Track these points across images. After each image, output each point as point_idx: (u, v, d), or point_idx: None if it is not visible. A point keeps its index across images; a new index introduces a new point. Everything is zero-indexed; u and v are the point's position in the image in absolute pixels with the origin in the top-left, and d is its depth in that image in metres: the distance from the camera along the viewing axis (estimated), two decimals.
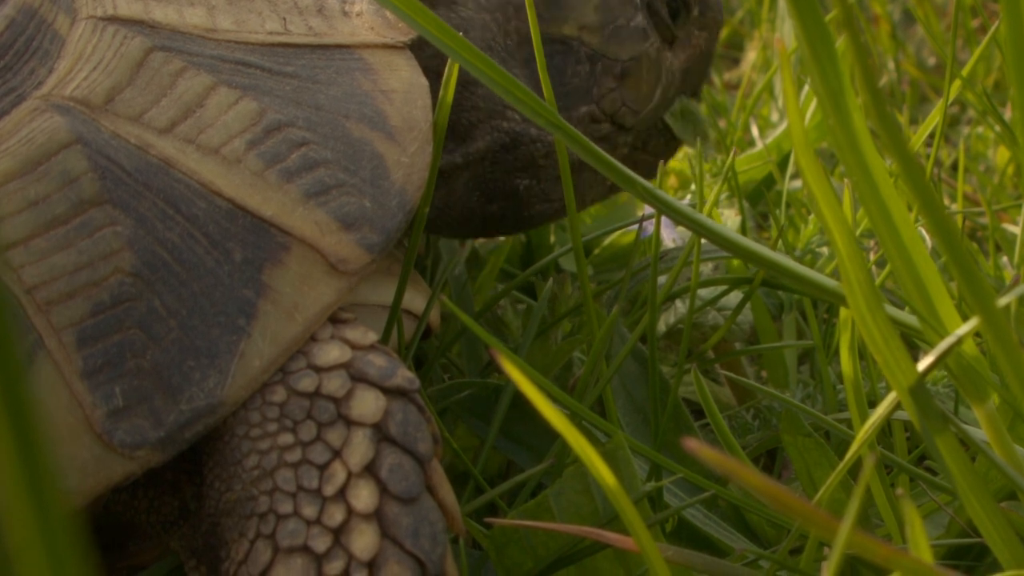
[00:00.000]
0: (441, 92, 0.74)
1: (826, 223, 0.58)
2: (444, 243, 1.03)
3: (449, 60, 0.74)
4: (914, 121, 1.40)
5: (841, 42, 1.06)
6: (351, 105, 0.70)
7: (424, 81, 0.75)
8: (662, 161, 0.95)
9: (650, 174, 0.97)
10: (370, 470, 0.64)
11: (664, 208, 0.66)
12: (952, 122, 1.43)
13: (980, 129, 1.30)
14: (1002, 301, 0.60)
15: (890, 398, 0.61)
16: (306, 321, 0.65)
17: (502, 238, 1.09)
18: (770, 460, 1.01)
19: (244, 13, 0.73)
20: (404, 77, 0.73)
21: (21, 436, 0.30)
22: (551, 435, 0.88)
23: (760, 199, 1.21)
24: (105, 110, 0.66)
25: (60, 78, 0.67)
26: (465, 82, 0.84)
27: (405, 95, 0.72)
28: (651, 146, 0.95)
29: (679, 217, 0.67)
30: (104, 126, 0.66)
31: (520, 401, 0.86)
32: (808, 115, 1.10)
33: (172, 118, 0.67)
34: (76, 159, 0.64)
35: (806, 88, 1.15)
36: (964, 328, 0.58)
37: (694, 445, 0.49)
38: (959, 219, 1.08)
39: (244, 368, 0.63)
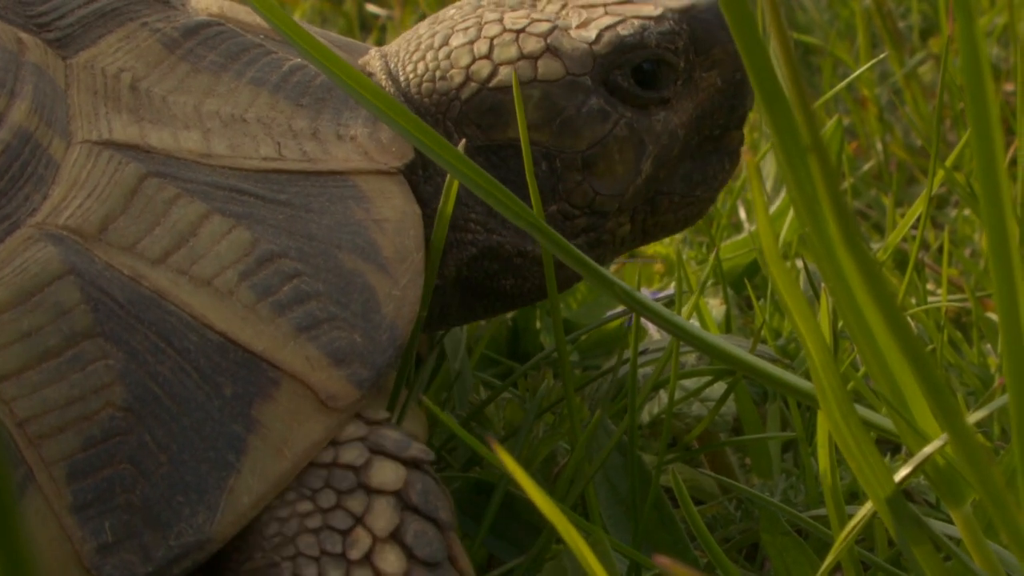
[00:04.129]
0: (441, 204, 0.74)
1: (800, 333, 0.59)
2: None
3: (448, 175, 0.75)
4: (900, 203, 1.41)
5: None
6: (344, 235, 0.71)
7: (417, 209, 0.75)
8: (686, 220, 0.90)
9: (675, 231, 0.92)
10: (395, 536, 0.66)
11: (642, 310, 0.66)
12: (940, 203, 1.43)
13: (967, 212, 1.31)
14: (973, 417, 0.62)
15: (867, 507, 0.62)
16: (295, 457, 0.66)
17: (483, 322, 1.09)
18: (753, 550, 1.01)
19: (239, 137, 0.73)
20: (397, 205, 0.74)
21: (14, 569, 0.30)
22: (534, 530, 0.89)
23: (743, 290, 1.22)
24: (99, 239, 0.67)
25: (54, 205, 0.67)
26: (419, 201, 0.81)
27: (397, 224, 0.73)
28: (662, 207, 0.89)
29: (656, 319, 0.67)
30: (98, 256, 0.66)
31: (504, 497, 0.87)
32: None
33: (165, 247, 0.67)
34: (69, 291, 0.65)
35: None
36: (939, 441, 0.59)
37: (666, 562, 0.50)
38: (942, 310, 1.09)
39: (233, 504, 0.64)
